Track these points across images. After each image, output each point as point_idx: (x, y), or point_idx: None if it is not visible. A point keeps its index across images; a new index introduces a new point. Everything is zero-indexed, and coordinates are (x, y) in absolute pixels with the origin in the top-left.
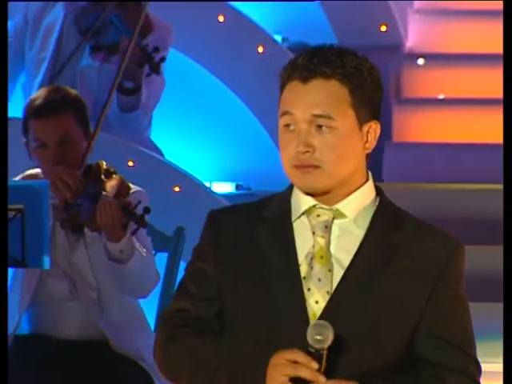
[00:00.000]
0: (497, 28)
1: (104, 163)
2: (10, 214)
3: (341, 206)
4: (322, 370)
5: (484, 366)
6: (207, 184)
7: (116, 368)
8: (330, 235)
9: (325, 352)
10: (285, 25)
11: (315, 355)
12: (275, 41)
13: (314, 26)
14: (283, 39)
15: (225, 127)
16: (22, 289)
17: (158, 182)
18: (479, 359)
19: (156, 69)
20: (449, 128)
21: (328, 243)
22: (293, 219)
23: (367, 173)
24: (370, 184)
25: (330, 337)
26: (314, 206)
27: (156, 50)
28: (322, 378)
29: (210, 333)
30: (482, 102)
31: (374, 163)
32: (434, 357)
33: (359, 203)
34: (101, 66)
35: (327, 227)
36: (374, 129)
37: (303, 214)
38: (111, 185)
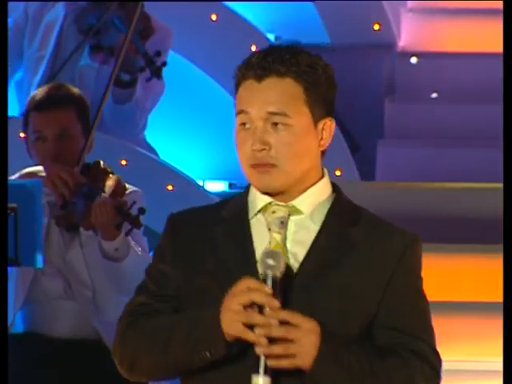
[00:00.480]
0: (490, 26)
1: (102, 162)
2: None
3: (296, 202)
4: (279, 298)
5: (484, 366)
6: (200, 182)
7: (111, 366)
8: (286, 231)
9: (278, 281)
10: (278, 23)
11: (270, 284)
12: (268, 39)
13: (306, 25)
14: (276, 38)
15: (218, 126)
16: (17, 287)
17: (151, 181)
18: (479, 358)
19: (157, 73)
20: (442, 126)
21: (284, 239)
22: (250, 217)
23: (322, 169)
24: (326, 180)
25: (281, 263)
26: (269, 203)
27: (158, 54)
28: (276, 303)
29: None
30: (475, 100)
31: (368, 162)
32: (390, 345)
33: (314, 199)
34: (100, 67)
35: (283, 223)
36: (328, 126)
37: (259, 211)
38: (108, 184)
